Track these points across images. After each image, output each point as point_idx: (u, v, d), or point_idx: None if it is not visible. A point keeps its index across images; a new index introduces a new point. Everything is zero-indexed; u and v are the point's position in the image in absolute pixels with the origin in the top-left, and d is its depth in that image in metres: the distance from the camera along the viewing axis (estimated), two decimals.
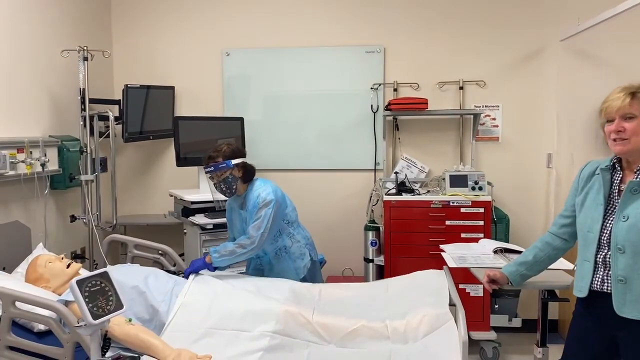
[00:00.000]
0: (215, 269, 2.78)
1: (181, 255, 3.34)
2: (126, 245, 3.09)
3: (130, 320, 2.06)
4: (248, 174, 2.86)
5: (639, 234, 1.71)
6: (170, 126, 3.86)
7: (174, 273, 2.81)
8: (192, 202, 3.41)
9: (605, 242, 1.81)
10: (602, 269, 1.83)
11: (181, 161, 3.54)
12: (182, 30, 4.10)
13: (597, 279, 1.84)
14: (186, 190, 3.64)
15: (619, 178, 1.84)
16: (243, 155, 2.89)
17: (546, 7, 3.84)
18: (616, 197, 1.82)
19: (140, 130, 3.80)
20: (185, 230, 3.59)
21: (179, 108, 4.12)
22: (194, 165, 3.63)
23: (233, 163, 2.79)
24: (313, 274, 2.97)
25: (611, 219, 1.81)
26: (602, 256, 1.82)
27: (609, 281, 1.80)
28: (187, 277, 2.63)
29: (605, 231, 1.82)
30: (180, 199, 3.51)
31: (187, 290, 2.40)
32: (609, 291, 1.80)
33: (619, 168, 1.86)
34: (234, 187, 2.83)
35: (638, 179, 1.76)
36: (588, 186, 1.92)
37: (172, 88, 4.06)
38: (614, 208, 1.81)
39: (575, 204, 1.97)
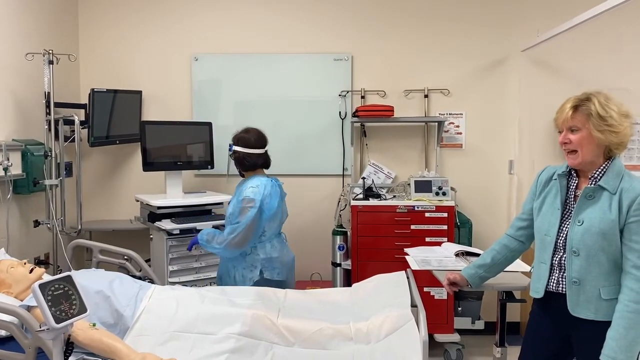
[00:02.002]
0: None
1: (147, 260, 3.32)
2: (91, 250, 3.06)
3: (94, 324, 2.05)
4: (241, 163, 2.97)
5: (593, 238, 1.79)
6: (137, 131, 3.84)
7: (139, 278, 2.79)
8: (159, 207, 3.40)
9: (561, 245, 1.89)
10: (557, 271, 1.91)
11: (148, 166, 3.52)
12: (150, 35, 4.09)
13: (552, 280, 1.92)
14: (153, 196, 3.62)
15: (575, 184, 1.92)
16: (248, 145, 2.95)
17: (508, 18, 3.98)
18: (572, 202, 1.90)
19: (106, 134, 3.77)
20: (151, 236, 3.57)
21: (146, 113, 4.10)
22: (160, 170, 3.62)
23: (234, 148, 2.95)
24: None
25: (567, 223, 1.88)
26: (557, 259, 1.90)
27: (564, 282, 1.88)
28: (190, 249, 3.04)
29: (561, 235, 1.89)
30: (147, 204, 3.49)
31: (151, 295, 2.40)
32: (563, 292, 1.88)
33: (574, 174, 1.94)
34: (238, 169, 3.02)
35: (592, 186, 1.84)
36: (545, 191, 1.99)
37: (140, 92, 4.03)
38: (570, 213, 1.89)
39: (533, 208, 2.05)
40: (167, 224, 3.34)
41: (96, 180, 4.14)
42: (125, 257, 2.99)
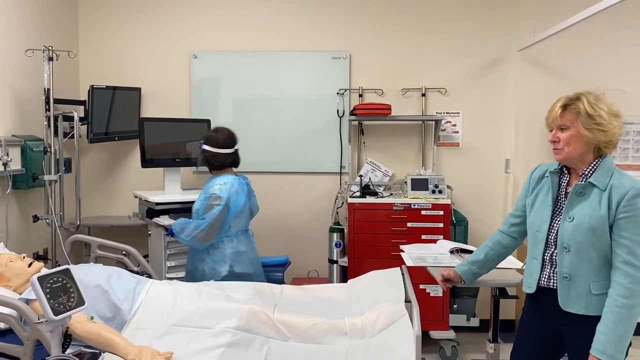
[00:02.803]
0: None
1: (145, 256, 3.34)
2: (90, 246, 3.08)
3: (92, 318, 2.08)
4: (209, 162, 3.05)
5: (583, 234, 1.82)
6: (136, 127, 3.86)
7: (137, 273, 2.82)
8: (157, 204, 3.42)
9: (552, 241, 1.92)
10: (549, 267, 1.94)
11: (147, 162, 3.54)
12: (149, 32, 4.11)
13: (544, 276, 1.95)
14: (151, 192, 3.64)
15: (566, 181, 1.95)
16: (217, 145, 3.02)
17: (505, 18, 4.00)
18: (563, 199, 1.93)
19: (105, 131, 3.79)
20: (149, 232, 3.59)
21: (145, 110, 4.12)
22: (159, 167, 3.64)
23: (203, 147, 3.02)
24: None
25: (558, 219, 1.92)
26: (549, 254, 1.93)
27: (555, 278, 1.91)
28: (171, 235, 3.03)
29: (552, 231, 1.92)
30: (145, 200, 3.51)
31: (149, 289, 2.42)
32: (554, 287, 1.91)
33: (566, 172, 1.97)
34: (206, 166, 3.10)
35: (583, 183, 1.87)
36: (538, 188, 2.03)
37: (139, 89, 4.06)
38: (561, 209, 1.92)
39: (525, 204, 2.08)
40: (165, 220, 3.36)
41: (95, 177, 4.16)
42: (124, 252, 3.02)
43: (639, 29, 3.85)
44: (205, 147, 3.03)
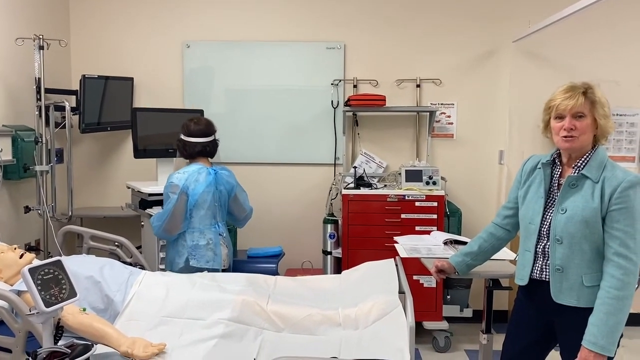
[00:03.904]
0: None
1: (138, 247, 3.32)
2: (82, 237, 3.06)
3: (84, 309, 2.06)
4: (180, 150, 3.03)
5: (576, 226, 1.82)
6: (128, 117, 3.83)
7: (130, 265, 2.81)
8: (150, 195, 3.40)
9: (545, 233, 1.92)
10: (541, 259, 1.93)
11: (139, 153, 3.52)
12: (141, 21, 4.07)
13: (537, 268, 1.95)
14: (144, 183, 3.62)
15: (559, 172, 1.94)
16: (188, 133, 2.98)
17: (499, 9, 3.99)
18: (555, 191, 1.92)
19: (97, 121, 3.75)
20: (142, 223, 3.57)
21: (137, 100, 4.09)
22: (152, 157, 3.62)
23: (180, 136, 3.00)
24: None
25: (551, 211, 1.91)
26: (541, 246, 1.93)
27: (548, 270, 1.91)
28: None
29: (545, 223, 1.92)
30: (138, 191, 3.49)
31: (142, 280, 2.42)
32: (547, 279, 1.91)
33: (558, 163, 1.96)
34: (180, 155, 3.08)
35: (575, 174, 1.87)
36: (530, 180, 2.02)
37: (131, 79, 4.02)
38: (554, 201, 1.91)
39: (518, 196, 2.07)
40: (157, 211, 3.33)
41: (87, 167, 4.13)
42: (116, 243, 3.00)
43: (632, 21, 3.85)
44: (180, 135, 3.02)
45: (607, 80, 2.02)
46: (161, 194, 3.39)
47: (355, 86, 4.06)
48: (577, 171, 1.87)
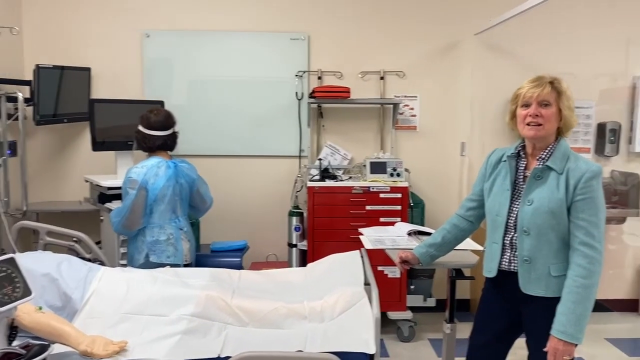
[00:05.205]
0: None
1: (97, 243, 3.24)
2: (38, 232, 2.96)
3: (40, 308, 1.99)
4: (139, 143, 2.95)
5: (543, 217, 1.85)
6: (86, 109, 3.70)
7: (89, 260, 2.72)
8: (109, 188, 3.31)
9: (512, 225, 1.95)
10: (509, 250, 1.96)
11: (97, 145, 3.42)
12: (99, 9, 3.93)
13: (505, 259, 1.97)
14: (103, 176, 3.52)
15: (524, 165, 1.98)
16: (148, 126, 2.90)
17: (462, 2, 4.02)
18: (521, 183, 1.95)
19: (53, 113, 3.62)
20: (102, 217, 3.48)
21: (95, 90, 3.96)
22: (111, 150, 3.52)
23: (139, 128, 2.91)
24: None
25: (517, 203, 1.94)
26: (509, 238, 1.96)
27: (516, 261, 1.94)
28: None
29: (512, 215, 1.95)
30: (97, 185, 3.40)
31: (101, 277, 2.35)
32: (515, 270, 1.94)
33: (523, 155, 1.99)
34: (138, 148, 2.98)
35: (541, 166, 1.90)
36: (495, 172, 2.04)
37: (88, 69, 3.89)
38: (520, 193, 1.94)
39: (483, 189, 2.10)
40: (117, 205, 3.25)
41: (44, 160, 3.99)
42: (75, 239, 2.91)
43: (587, 16, 3.96)
44: (139, 127, 2.92)
45: (565, 73, 2.05)
46: (121, 188, 3.32)
47: (319, 78, 4.04)
48: (542, 163, 1.91)
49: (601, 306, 1.67)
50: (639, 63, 4.07)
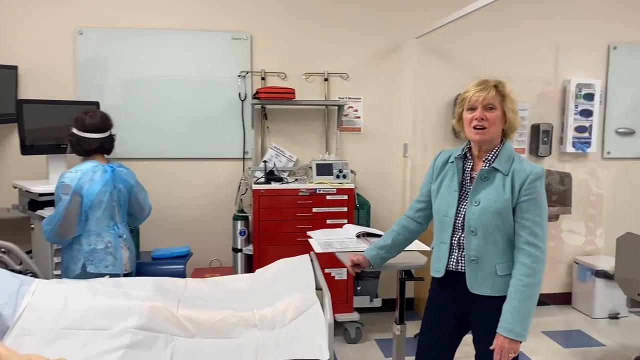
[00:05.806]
0: None
1: (28, 252, 3.04)
2: None
3: None
4: (73, 147, 2.77)
5: (489, 217, 1.89)
6: (13, 110, 3.47)
7: (20, 272, 2.54)
8: (40, 194, 3.11)
9: (459, 225, 1.98)
10: (456, 250, 1.99)
11: (27, 149, 3.20)
12: (28, 5, 3.68)
13: (452, 259, 2.00)
14: (33, 182, 3.30)
15: (470, 166, 2.01)
16: (82, 128, 2.73)
17: (404, 5, 4.09)
18: (468, 184, 1.99)
19: None
20: (32, 225, 3.26)
21: (23, 90, 3.71)
22: (41, 154, 3.30)
23: (73, 130, 2.75)
24: None
25: (464, 203, 1.97)
26: (456, 238, 1.99)
27: (463, 261, 1.97)
28: None
29: (459, 215, 1.98)
30: (26, 191, 3.18)
31: (35, 290, 2.19)
32: (462, 270, 1.97)
33: (469, 157, 2.03)
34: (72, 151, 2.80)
35: (487, 167, 1.94)
36: (442, 174, 2.07)
37: (15, 67, 3.64)
38: (467, 194, 1.98)
39: (430, 190, 2.12)
40: (49, 212, 3.05)
41: None
42: (3, 249, 2.71)
43: (521, 21, 4.13)
44: (73, 130, 2.75)
45: (501, 76, 2.12)
46: (53, 194, 3.13)
47: (263, 78, 3.98)
48: (488, 164, 1.95)
49: (538, 300, 1.74)
50: (567, 68, 4.29)
